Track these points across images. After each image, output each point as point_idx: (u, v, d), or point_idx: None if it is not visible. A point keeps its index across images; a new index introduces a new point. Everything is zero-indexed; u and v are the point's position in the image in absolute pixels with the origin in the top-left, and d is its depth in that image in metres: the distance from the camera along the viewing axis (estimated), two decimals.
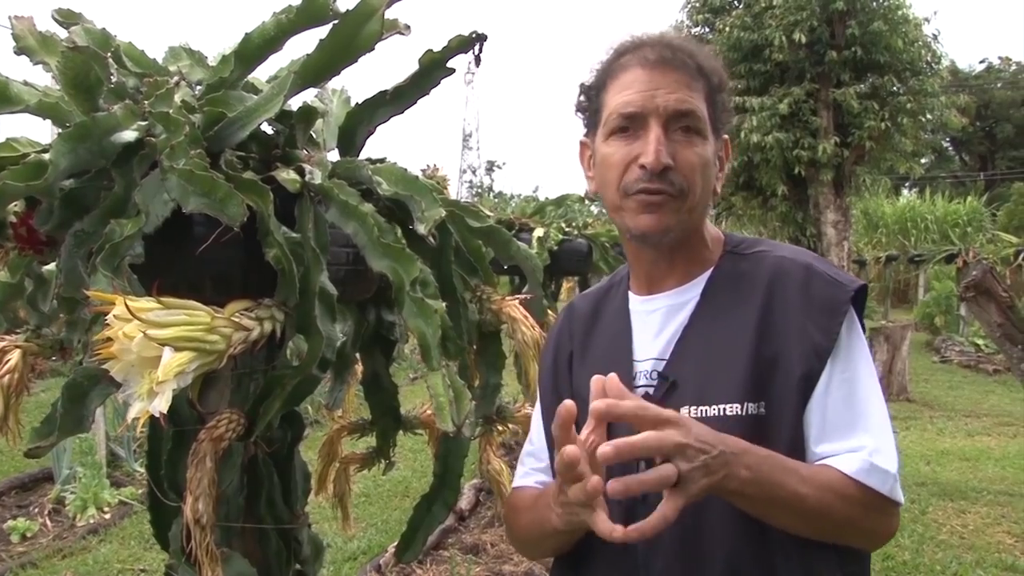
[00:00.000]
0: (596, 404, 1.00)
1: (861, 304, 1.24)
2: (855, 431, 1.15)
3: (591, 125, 1.30)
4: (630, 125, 1.21)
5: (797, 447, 1.16)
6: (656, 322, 1.28)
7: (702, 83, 1.23)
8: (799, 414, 1.16)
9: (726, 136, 1.31)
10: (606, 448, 0.96)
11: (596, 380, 1.04)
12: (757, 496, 1.08)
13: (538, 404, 1.44)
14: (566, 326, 1.43)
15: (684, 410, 1.16)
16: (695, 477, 0.99)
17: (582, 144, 1.35)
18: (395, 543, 1.57)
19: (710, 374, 1.19)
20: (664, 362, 1.24)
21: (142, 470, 5.81)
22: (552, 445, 1.34)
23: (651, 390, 1.24)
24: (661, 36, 1.26)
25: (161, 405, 0.90)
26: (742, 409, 1.16)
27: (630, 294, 1.35)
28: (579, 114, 1.34)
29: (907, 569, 4.34)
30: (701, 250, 1.29)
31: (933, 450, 6.94)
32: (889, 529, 1.19)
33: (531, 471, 1.41)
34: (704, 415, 1.16)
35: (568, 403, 1.03)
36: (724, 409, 1.16)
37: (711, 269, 1.28)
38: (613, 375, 1.05)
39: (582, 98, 1.32)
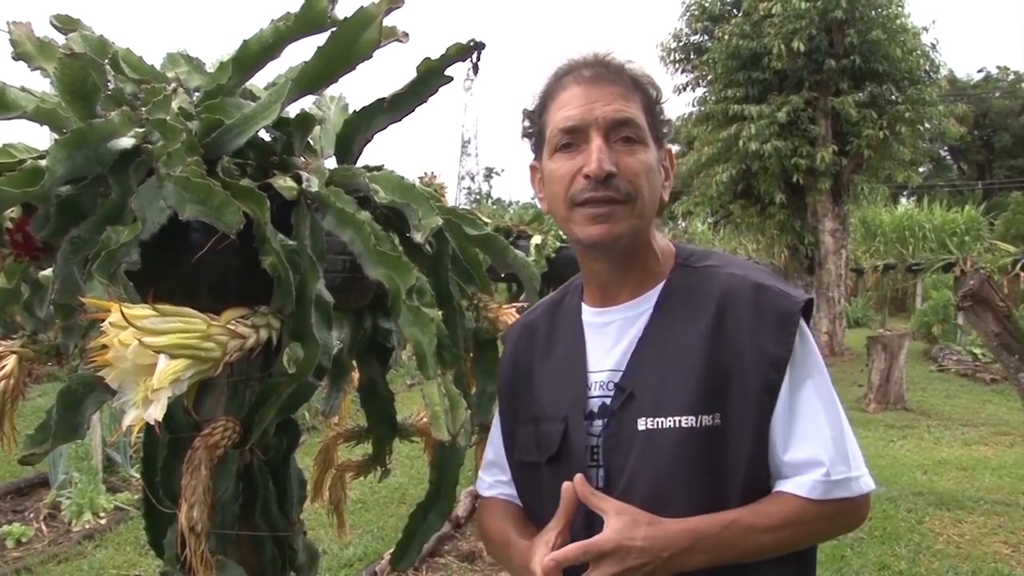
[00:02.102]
0: (548, 560, 1.16)
1: (808, 316, 1.28)
2: (813, 441, 1.20)
3: (538, 148, 1.33)
4: (572, 140, 1.24)
5: (758, 458, 1.20)
6: (611, 335, 1.31)
7: (639, 95, 1.26)
8: (761, 426, 1.20)
9: (669, 146, 1.34)
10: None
11: (566, 487, 1.20)
12: (720, 564, 1.17)
13: (497, 418, 1.45)
14: (522, 342, 1.44)
15: (641, 421, 1.22)
16: None
17: (532, 168, 1.37)
18: (391, 550, 1.57)
19: (665, 385, 1.23)
20: (620, 373, 1.27)
21: (138, 475, 5.79)
22: (509, 457, 1.41)
23: (608, 400, 1.26)
24: (595, 55, 1.29)
25: (156, 412, 0.90)
26: (697, 421, 1.19)
27: (583, 306, 1.37)
28: (525, 139, 1.37)
29: None
30: (651, 262, 1.31)
31: (930, 459, 6.93)
32: (863, 516, 1.27)
33: (495, 483, 1.44)
34: (660, 426, 1.20)
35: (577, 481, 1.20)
36: (679, 421, 1.20)
37: (663, 282, 1.30)
38: (579, 477, 1.20)
39: (526, 123, 1.35)
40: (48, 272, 1.26)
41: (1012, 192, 27.00)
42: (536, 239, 3.66)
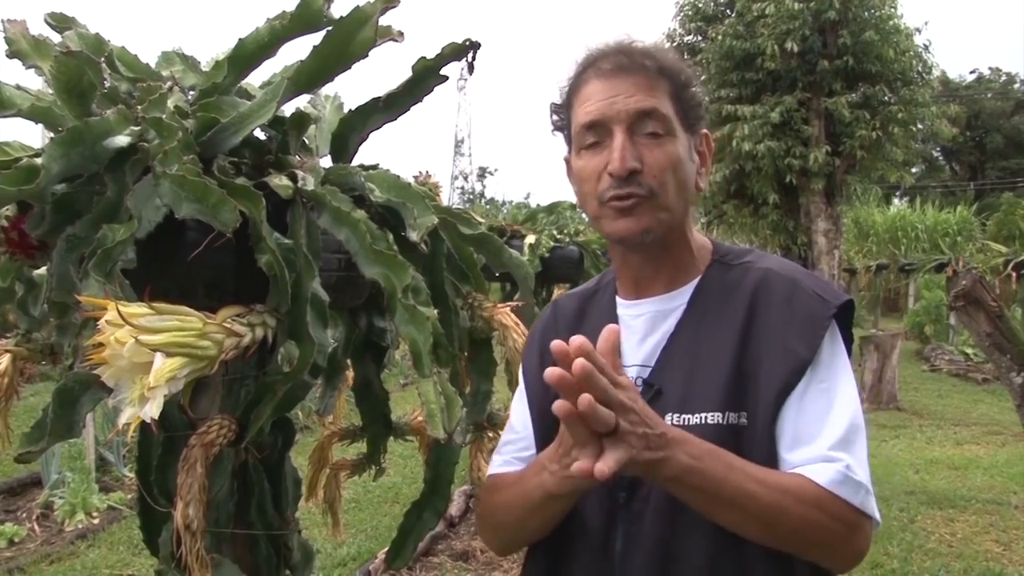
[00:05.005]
0: (580, 364, 0.97)
1: (847, 319, 1.24)
2: (831, 442, 1.13)
3: (568, 143, 1.31)
4: (596, 137, 1.22)
5: (773, 457, 1.15)
6: (641, 328, 1.29)
7: (664, 82, 1.22)
8: (775, 426, 1.16)
9: (705, 131, 1.30)
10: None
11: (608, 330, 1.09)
12: (699, 487, 1.07)
13: (521, 393, 1.40)
14: (551, 323, 1.42)
15: (668, 417, 1.17)
16: (633, 441, 1.01)
17: (566, 162, 1.35)
18: (385, 549, 1.57)
19: (693, 383, 1.20)
20: (649, 369, 1.25)
21: (131, 475, 5.78)
22: (539, 435, 1.32)
23: None
24: (618, 44, 1.26)
25: (152, 411, 0.90)
26: (723, 418, 1.16)
27: (617, 298, 1.35)
28: (556, 133, 1.34)
29: None
30: (687, 256, 1.29)
31: (922, 459, 6.96)
32: (859, 547, 1.14)
33: (513, 459, 1.37)
34: (687, 423, 1.17)
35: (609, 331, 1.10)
36: (706, 418, 1.17)
37: (698, 278, 1.28)
38: (613, 327, 1.10)
39: (555, 117, 1.33)
40: (42, 271, 1.26)
41: (1004, 193, 27.17)
42: (530, 239, 3.66)
